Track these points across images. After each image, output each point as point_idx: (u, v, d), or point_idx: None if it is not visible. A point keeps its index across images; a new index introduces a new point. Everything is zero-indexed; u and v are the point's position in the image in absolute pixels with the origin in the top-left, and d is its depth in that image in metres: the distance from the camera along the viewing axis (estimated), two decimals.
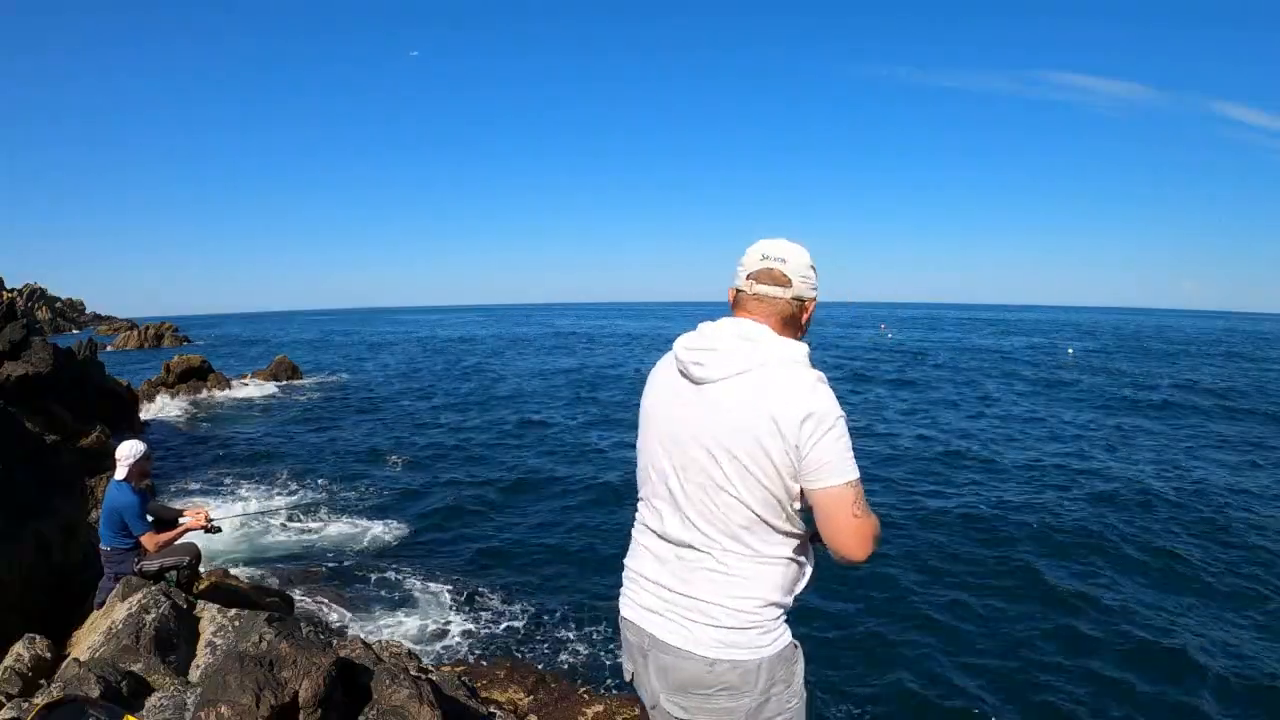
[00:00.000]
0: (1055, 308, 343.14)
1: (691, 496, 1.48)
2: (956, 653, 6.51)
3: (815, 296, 1.58)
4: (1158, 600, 7.52)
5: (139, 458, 4.66)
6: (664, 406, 1.57)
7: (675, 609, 1.50)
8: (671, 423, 1.53)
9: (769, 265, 1.53)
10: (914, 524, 9.87)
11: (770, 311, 1.53)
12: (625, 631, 1.64)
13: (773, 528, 1.45)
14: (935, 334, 58.66)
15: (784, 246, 1.55)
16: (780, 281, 1.53)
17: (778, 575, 1.48)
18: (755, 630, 1.46)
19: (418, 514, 10.93)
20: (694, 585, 1.49)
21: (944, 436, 15.83)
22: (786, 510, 1.44)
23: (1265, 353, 42.26)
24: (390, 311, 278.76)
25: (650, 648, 1.54)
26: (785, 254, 1.54)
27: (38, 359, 13.13)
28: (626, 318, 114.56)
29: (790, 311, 1.54)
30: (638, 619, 1.57)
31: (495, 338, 58.80)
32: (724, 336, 1.49)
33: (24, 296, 71.47)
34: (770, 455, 1.39)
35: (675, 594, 1.51)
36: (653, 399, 1.61)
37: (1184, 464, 13.31)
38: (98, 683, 2.87)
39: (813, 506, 1.43)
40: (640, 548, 1.62)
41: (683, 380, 1.52)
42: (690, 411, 1.49)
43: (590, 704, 5.50)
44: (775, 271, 1.53)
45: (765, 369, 1.43)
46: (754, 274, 1.54)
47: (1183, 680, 6.00)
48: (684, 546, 1.50)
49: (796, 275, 1.53)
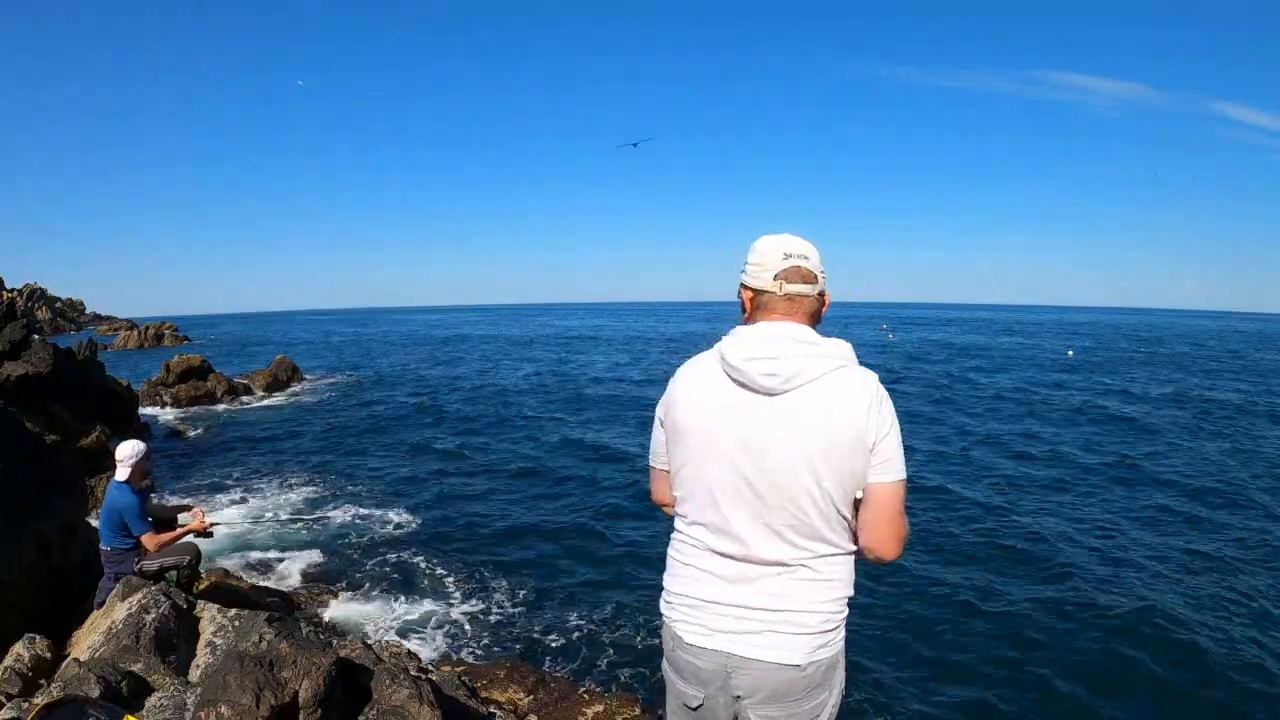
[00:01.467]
0: (1055, 308, 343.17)
1: (777, 510, 1.43)
2: (960, 635, 6.52)
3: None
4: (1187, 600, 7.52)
5: (139, 458, 4.66)
6: (723, 423, 1.46)
7: (764, 625, 1.47)
8: (741, 438, 1.44)
9: (796, 263, 1.50)
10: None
11: (803, 310, 1.51)
12: (694, 659, 1.55)
13: (848, 524, 1.48)
14: (935, 334, 58.66)
15: (802, 243, 1.53)
16: (809, 279, 1.51)
17: (851, 569, 1.53)
18: (838, 629, 1.51)
19: (418, 514, 10.93)
20: (788, 598, 1.46)
21: (948, 438, 15.83)
22: (855, 505, 1.47)
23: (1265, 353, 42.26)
24: (391, 311, 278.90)
25: (735, 668, 1.50)
26: (806, 250, 1.52)
27: (38, 359, 13.14)
28: (623, 317, 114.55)
29: (817, 307, 1.54)
30: (714, 644, 1.51)
31: (495, 338, 58.78)
32: (782, 342, 1.45)
33: (24, 296, 71.48)
34: (856, 455, 1.41)
35: (762, 610, 1.47)
36: (700, 415, 1.50)
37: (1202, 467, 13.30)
38: (98, 683, 2.86)
39: (865, 501, 1.45)
40: (698, 572, 1.53)
41: (743, 391, 1.45)
42: (767, 425, 1.43)
43: (590, 704, 5.50)
44: (804, 269, 1.50)
45: (838, 372, 1.44)
46: (782, 274, 1.49)
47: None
48: (773, 564, 1.46)
49: (819, 270, 1.53)
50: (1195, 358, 37.46)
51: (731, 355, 1.47)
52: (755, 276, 1.52)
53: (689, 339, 54.13)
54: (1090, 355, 37.99)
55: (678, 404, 1.55)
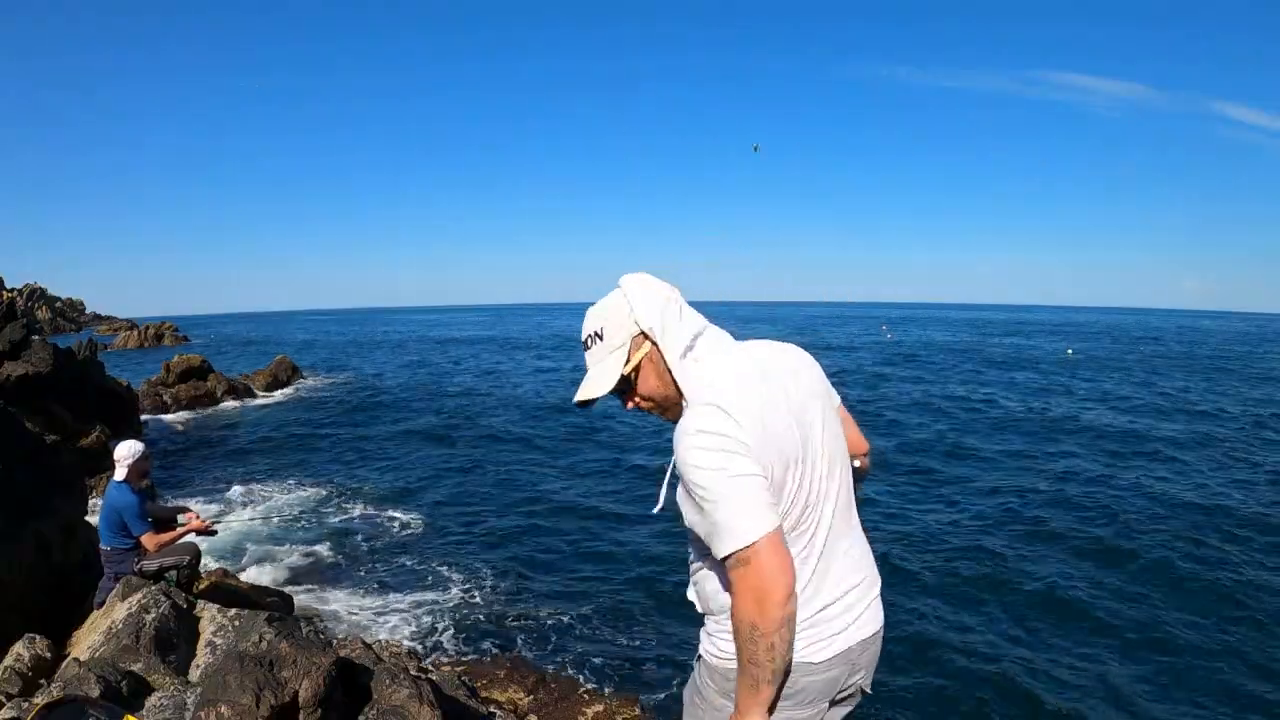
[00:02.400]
0: (1055, 308, 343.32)
1: (842, 482, 1.42)
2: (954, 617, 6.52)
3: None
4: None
5: (138, 458, 4.66)
6: (784, 426, 1.32)
7: (866, 597, 1.44)
8: (806, 436, 1.36)
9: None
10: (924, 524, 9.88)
11: None
12: (821, 675, 1.36)
13: None
14: (936, 334, 58.65)
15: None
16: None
17: None
18: None
19: (418, 513, 10.93)
20: (866, 562, 1.47)
21: (952, 436, 15.84)
22: None
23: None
24: (391, 311, 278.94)
25: (860, 654, 1.41)
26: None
27: (38, 359, 13.13)
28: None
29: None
30: (844, 644, 1.37)
31: (495, 338, 58.78)
32: (764, 343, 1.50)
33: (24, 296, 71.47)
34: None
35: (862, 585, 1.43)
36: (766, 428, 1.28)
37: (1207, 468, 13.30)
38: (98, 682, 2.86)
39: None
40: (817, 580, 1.36)
41: (775, 389, 1.36)
42: (806, 416, 1.38)
43: (590, 704, 5.51)
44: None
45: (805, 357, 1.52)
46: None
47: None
48: (848, 536, 1.43)
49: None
50: (1196, 356, 37.47)
51: (764, 362, 1.43)
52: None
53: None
54: (1090, 354, 38.01)
55: (744, 420, 1.29)
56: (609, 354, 1.40)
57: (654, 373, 1.39)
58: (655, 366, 1.39)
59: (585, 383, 1.42)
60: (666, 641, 6.82)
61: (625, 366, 1.39)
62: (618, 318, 1.40)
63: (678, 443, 1.27)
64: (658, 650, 6.64)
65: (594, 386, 1.40)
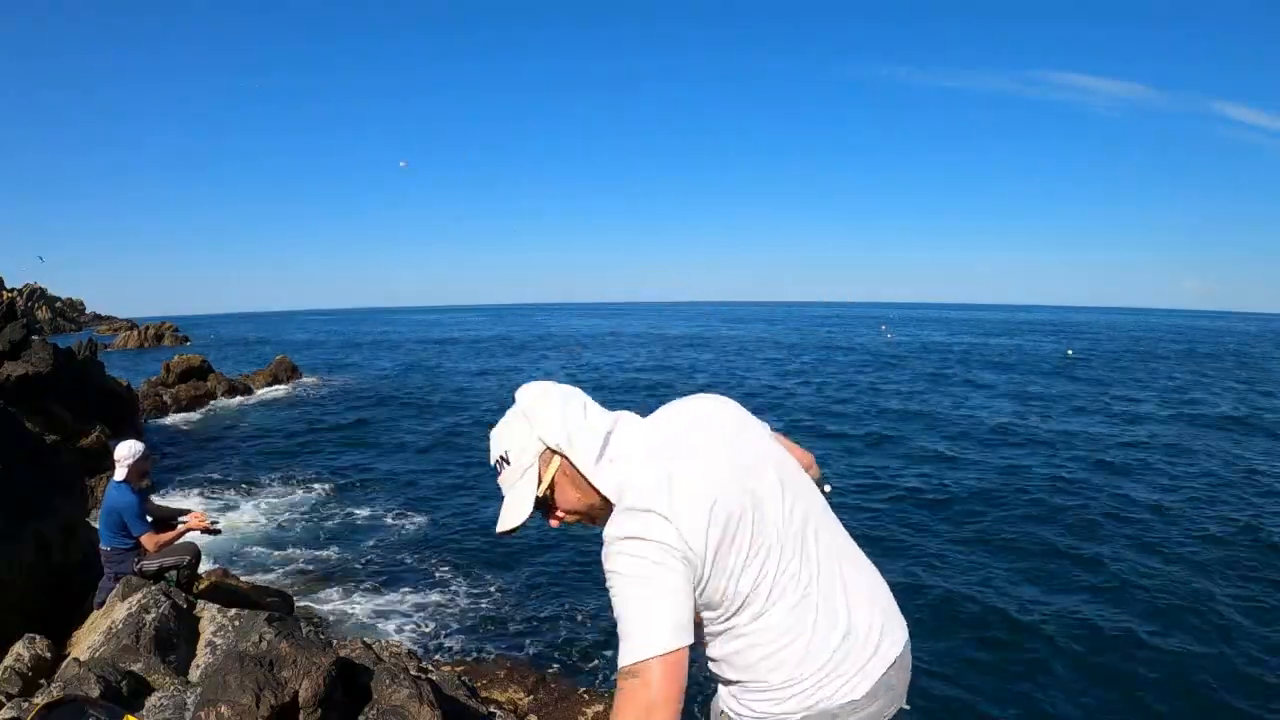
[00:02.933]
0: (1054, 308, 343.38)
1: (809, 505, 1.36)
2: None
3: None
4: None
5: (138, 458, 4.67)
6: (720, 483, 1.26)
7: (885, 614, 1.36)
8: (749, 478, 1.31)
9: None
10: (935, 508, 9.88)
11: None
12: (872, 705, 1.29)
13: None
14: (936, 335, 58.66)
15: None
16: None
17: None
18: None
19: (419, 513, 10.93)
20: (871, 578, 1.39)
21: (947, 434, 15.84)
22: None
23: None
24: (391, 311, 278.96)
25: (896, 676, 1.34)
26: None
27: (38, 359, 13.13)
28: (613, 317, 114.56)
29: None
30: (880, 668, 1.30)
31: (495, 337, 58.76)
32: (675, 407, 1.45)
33: (24, 296, 71.48)
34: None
35: (876, 604, 1.35)
36: (697, 501, 1.23)
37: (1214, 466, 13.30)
38: (98, 682, 2.87)
39: None
40: (826, 610, 1.29)
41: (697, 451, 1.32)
42: (741, 457, 1.33)
43: (590, 704, 5.51)
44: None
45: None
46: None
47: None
48: (842, 557, 1.36)
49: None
50: (1196, 356, 37.46)
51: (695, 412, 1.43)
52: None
53: (690, 339, 54.16)
54: (1089, 354, 38.01)
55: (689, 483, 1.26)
56: (520, 477, 1.31)
57: (571, 485, 1.31)
58: (571, 479, 1.31)
59: (503, 513, 1.33)
60: None
61: (539, 488, 1.31)
62: (520, 439, 1.32)
63: (604, 549, 1.22)
64: None
65: (512, 516, 1.31)
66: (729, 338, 54.70)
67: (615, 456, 1.30)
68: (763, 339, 52.73)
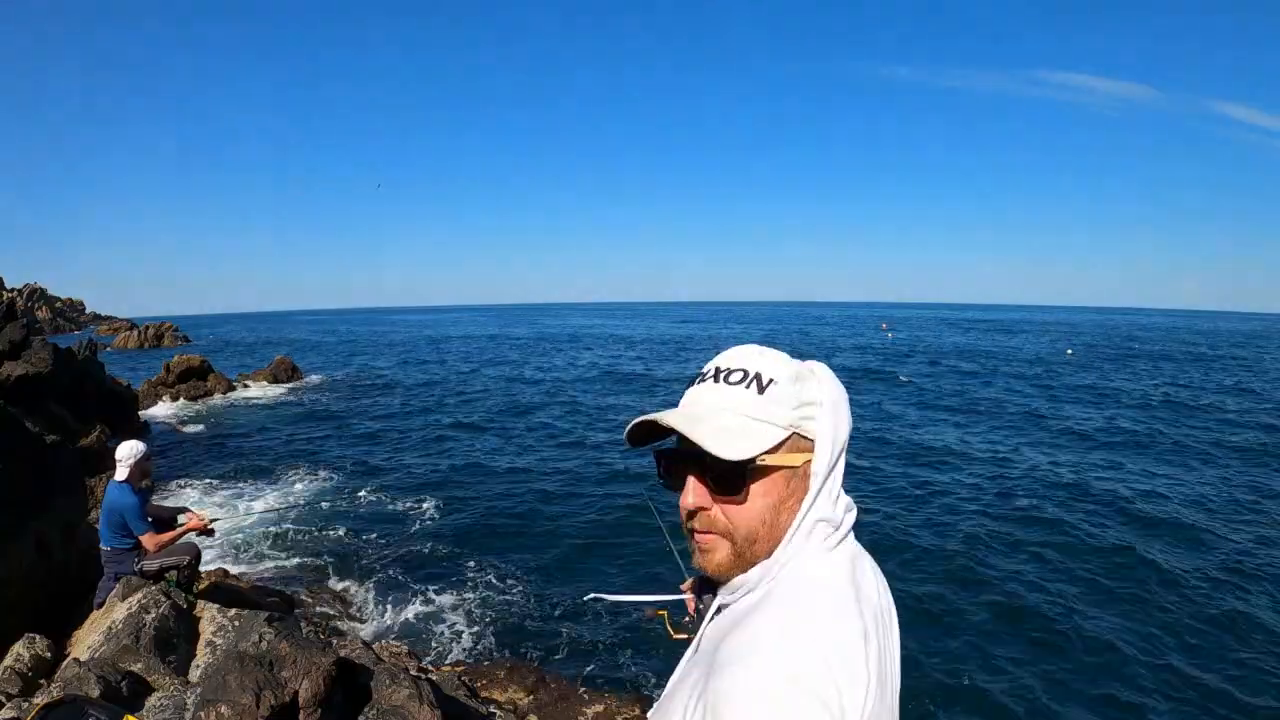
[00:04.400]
0: (1054, 308, 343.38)
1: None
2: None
3: None
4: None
5: (139, 458, 4.66)
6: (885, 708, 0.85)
7: None
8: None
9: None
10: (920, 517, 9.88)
11: None
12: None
13: None
14: (936, 335, 58.66)
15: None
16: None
17: None
18: None
19: (419, 513, 10.93)
20: None
21: (949, 433, 15.84)
22: None
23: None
24: (390, 311, 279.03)
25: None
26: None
27: (38, 359, 13.13)
28: (611, 318, 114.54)
29: None
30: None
31: (494, 337, 58.79)
32: (869, 564, 0.98)
33: (24, 296, 71.45)
34: None
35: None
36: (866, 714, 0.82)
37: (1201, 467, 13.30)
38: (98, 683, 2.87)
39: None
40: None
41: (886, 654, 0.87)
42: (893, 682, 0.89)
43: (590, 704, 5.50)
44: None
45: None
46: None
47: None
48: None
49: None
50: (1196, 355, 37.48)
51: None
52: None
53: (687, 339, 54.14)
54: (1090, 353, 38.02)
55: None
56: (760, 416, 0.88)
57: (776, 498, 0.88)
58: (784, 492, 0.89)
59: (704, 421, 0.88)
60: (669, 642, 6.81)
61: (769, 453, 0.87)
62: (792, 391, 0.90)
63: (732, 664, 0.78)
64: (659, 650, 6.63)
65: (722, 436, 0.86)
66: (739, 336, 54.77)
67: (833, 561, 0.89)
68: (769, 337, 52.88)
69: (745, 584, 0.89)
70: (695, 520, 0.90)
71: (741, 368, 0.92)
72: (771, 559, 0.88)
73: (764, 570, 0.88)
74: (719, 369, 0.93)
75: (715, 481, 0.88)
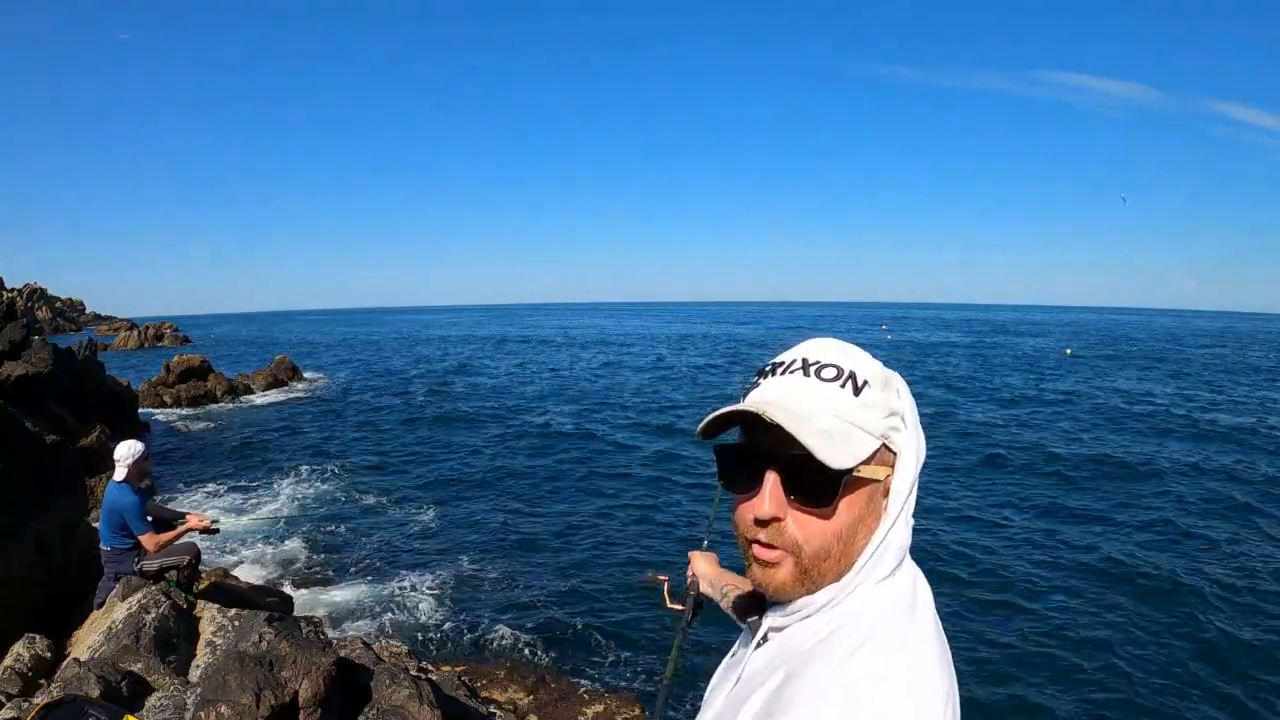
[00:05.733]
0: (1055, 308, 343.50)
1: None
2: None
3: None
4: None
5: (138, 458, 4.66)
6: None
7: None
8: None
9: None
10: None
11: None
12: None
13: None
14: (936, 334, 58.66)
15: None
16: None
17: None
18: None
19: (419, 512, 10.92)
20: None
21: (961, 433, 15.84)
22: None
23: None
24: (390, 311, 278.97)
25: None
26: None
27: (38, 359, 13.13)
28: (610, 318, 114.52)
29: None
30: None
31: (494, 337, 58.76)
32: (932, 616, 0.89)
33: (24, 296, 71.48)
34: None
35: None
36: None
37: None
38: (98, 682, 2.86)
39: None
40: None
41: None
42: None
43: (590, 704, 5.50)
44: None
45: None
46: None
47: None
48: None
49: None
50: (1195, 355, 37.49)
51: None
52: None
53: (691, 339, 54.13)
54: (1089, 354, 38.02)
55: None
56: (857, 421, 0.79)
57: (858, 514, 0.80)
58: (864, 509, 0.80)
59: (809, 420, 0.76)
60: (669, 642, 6.81)
61: (864, 463, 0.78)
62: (883, 398, 0.82)
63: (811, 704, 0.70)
64: (659, 651, 6.63)
65: (828, 439, 0.76)
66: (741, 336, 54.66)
67: (916, 600, 0.80)
68: (759, 339, 52.82)
69: (806, 608, 0.80)
70: (764, 531, 0.79)
71: (834, 363, 0.82)
72: (841, 583, 0.79)
73: (830, 595, 0.79)
74: (807, 361, 0.83)
75: (802, 489, 0.78)
